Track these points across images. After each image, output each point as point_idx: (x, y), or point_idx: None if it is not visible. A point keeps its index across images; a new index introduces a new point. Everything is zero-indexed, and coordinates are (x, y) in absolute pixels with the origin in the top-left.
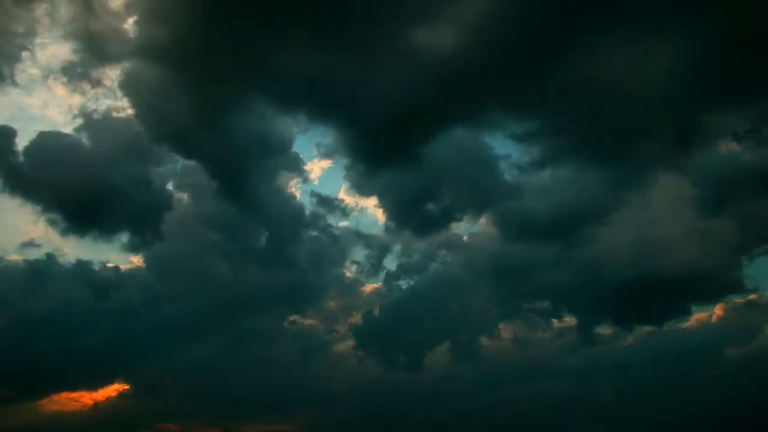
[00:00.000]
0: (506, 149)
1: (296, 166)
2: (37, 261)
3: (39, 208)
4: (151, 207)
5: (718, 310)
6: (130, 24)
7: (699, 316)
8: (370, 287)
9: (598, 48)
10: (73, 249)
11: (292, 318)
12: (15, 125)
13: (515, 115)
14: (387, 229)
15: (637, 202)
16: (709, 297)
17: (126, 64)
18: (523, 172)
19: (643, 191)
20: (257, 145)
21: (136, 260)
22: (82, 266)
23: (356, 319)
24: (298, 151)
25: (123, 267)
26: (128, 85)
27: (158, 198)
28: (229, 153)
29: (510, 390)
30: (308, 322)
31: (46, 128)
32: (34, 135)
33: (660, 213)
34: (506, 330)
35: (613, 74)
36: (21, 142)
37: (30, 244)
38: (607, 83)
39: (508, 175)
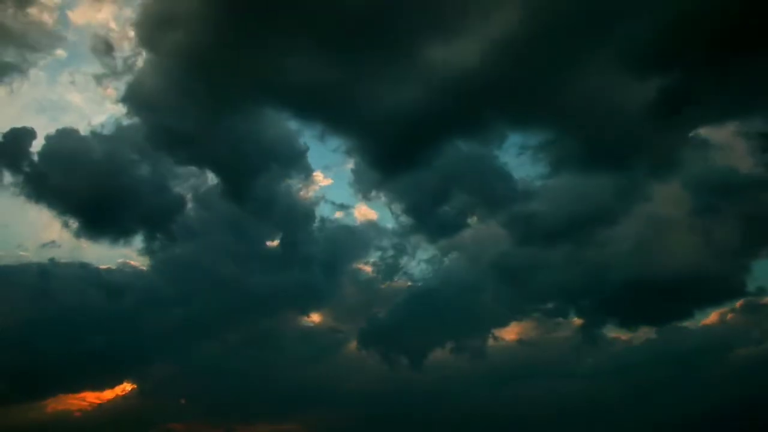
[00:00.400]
0: (514, 158)
1: (309, 173)
2: (48, 262)
3: (51, 209)
4: (162, 210)
5: (724, 312)
6: (149, 32)
7: (705, 317)
8: (380, 289)
9: (598, 65)
10: (84, 250)
11: (301, 318)
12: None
13: (524, 127)
14: (399, 232)
15: (641, 208)
16: (715, 299)
17: (141, 71)
18: (531, 180)
19: (646, 198)
20: (271, 151)
21: (147, 262)
22: (92, 267)
23: (366, 319)
24: (312, 157)
25: (132, 269)
26: (144, 92)
27: (170, 201)
28: (241, 159)
29: (518, 390)
30: (317, 323)
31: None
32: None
33: (664, 218)
34: (514, 330)
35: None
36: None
37: (44, 245)
38: (608, 98)
39: (516, 182)
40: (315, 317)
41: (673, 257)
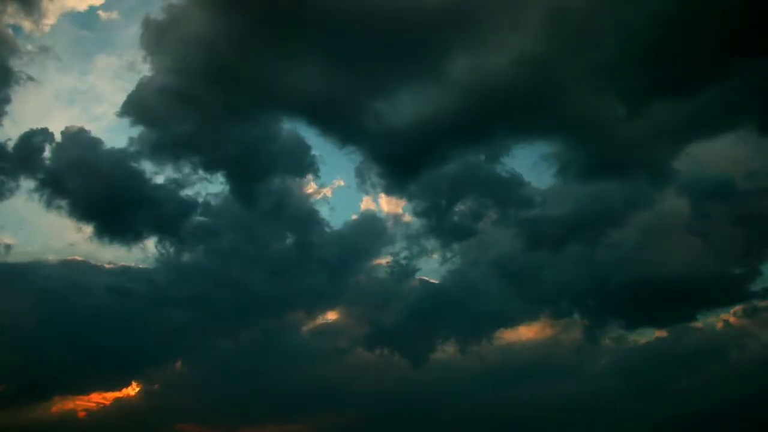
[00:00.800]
0: (525, 167)
1: (321, 177)
2: (59, 262)
3: (65, 213)
4: (175, 214)
5: (729, 314)
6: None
7: (711, 319)
8: (388, 291)
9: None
10: (98, 253)
11: (310, 320)
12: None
13: (534, 138)
14: (413, 235)
15: (648, 213)
16: (721, 302)
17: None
18: (540, 186)
19: (652, 203)
20: (285, 158)
21: (157, 264)
22: (103, 269)
23: (375, 320)
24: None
25: (143, 270)
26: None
27: (184, 206)
28: (255, 164)
29: (527, 390)
30: (326, 324)
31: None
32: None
33: (671, 223)
34: (522, 331)
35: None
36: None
37: (60, 247)
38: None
39: (526, 188)
40: (324, 318)
41: (678, 261)
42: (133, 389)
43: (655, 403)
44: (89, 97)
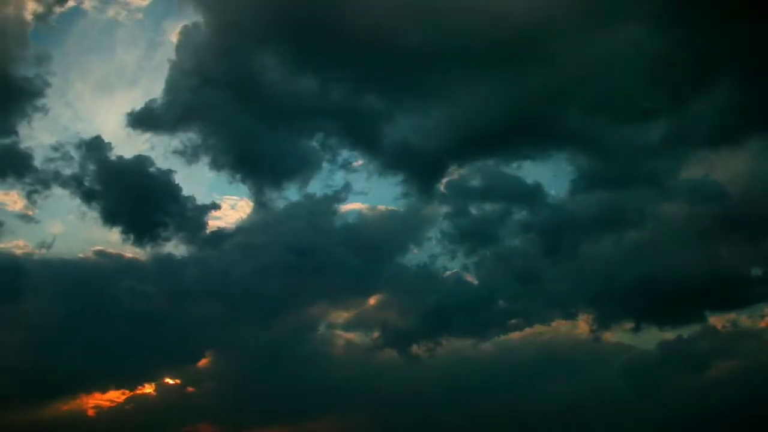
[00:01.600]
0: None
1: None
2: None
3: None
4: (196, 218)
5: (734, 316)
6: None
7: (716, 321)
8: (409, 290)
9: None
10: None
11: (328, 319)
12: None
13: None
14: (437, 238)
15: (657, 217)
16: (726, 304)
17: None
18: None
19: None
20: (310, 164)
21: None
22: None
23: (390, 321)
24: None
25: (163, 267)
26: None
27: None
28: (282, 169)
29: (536, 388)
30: (344, 323)
31: None
32: None
33: (680, 226)
34: (533, 332)
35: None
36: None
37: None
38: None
39: (545, 197)
40: (343, 316)
41: (686, 264)
42: (144, 389)
43: (662, 404)
44: (155, 76)
